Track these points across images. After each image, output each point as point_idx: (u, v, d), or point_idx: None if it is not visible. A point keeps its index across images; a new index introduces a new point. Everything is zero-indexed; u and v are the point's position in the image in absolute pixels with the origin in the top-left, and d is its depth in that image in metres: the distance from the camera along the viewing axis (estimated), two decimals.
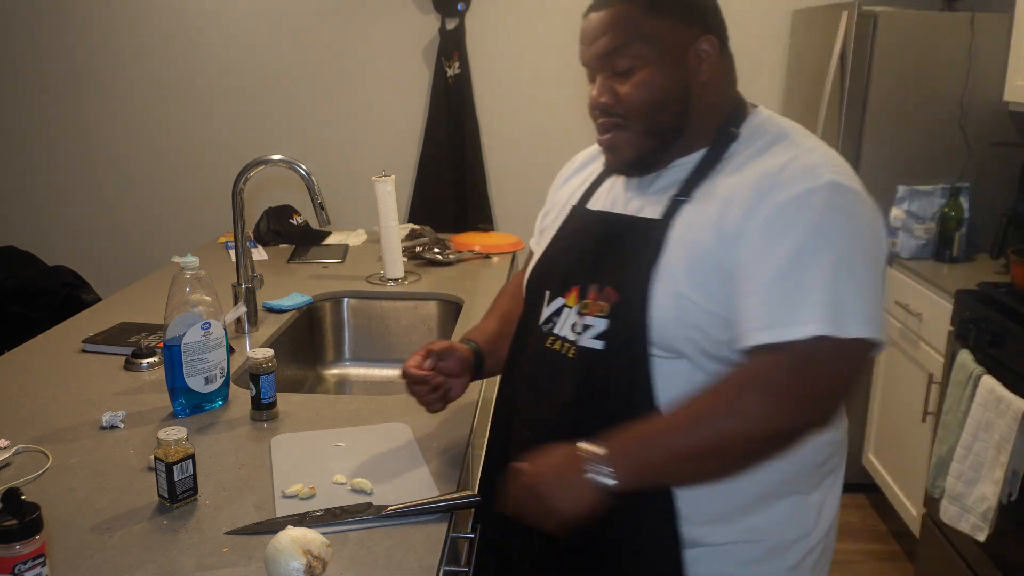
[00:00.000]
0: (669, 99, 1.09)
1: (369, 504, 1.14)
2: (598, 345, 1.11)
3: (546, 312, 1.20)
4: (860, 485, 3.17)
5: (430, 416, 1.42)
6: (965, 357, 2.27)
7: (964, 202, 2.79)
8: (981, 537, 2.11)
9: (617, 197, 1.19)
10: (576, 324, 1.14)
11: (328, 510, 1.13)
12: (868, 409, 3.09)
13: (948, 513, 2.22)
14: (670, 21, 1.07)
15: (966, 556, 2.31)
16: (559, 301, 1.17)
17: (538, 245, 1.32)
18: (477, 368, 1.34)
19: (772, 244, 1.00)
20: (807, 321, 0.96)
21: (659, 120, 1.10)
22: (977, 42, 2.79)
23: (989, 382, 2.13)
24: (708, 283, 1.03)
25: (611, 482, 1.00)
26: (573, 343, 1.14)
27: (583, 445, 1.03)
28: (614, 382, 1.10)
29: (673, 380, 1.07)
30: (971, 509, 2.14)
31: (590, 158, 1.32)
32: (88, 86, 3.72)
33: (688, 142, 1.12)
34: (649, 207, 1.13)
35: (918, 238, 2.83)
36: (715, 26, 1.11)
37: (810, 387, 0.98)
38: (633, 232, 1.12)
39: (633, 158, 1.13)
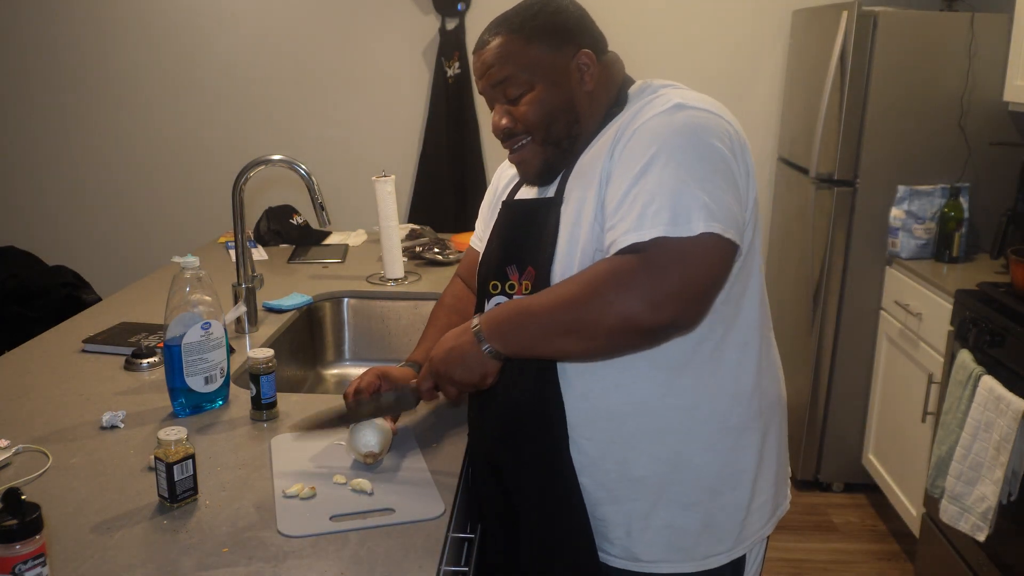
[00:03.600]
0: (559, 111, 1.22)
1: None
2: None
3: (490, 305, 1.28)
4: (860, 485, 3.17)
5: (430, 417, 1.43)
6: (965, 357, 2.27)
7: (964, 202, 2.79)
8: (981, 537, 2.11)
9: (531, 191, 1.33)
10: None
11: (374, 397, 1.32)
12: (868, 409, 3.09)
13: (948, 513, 2.22)
14: (545, 48, 1.21)
15: (966, 556, 2.31)
16: (499, 290, 1.28)
17: (482, 243, 1.43)
18: None
19: (625, 164, 1.12)
20: (652, 225, 1.05)
21: (554, 130, 1.22)
22: (977, 42, 2.79)
23: (989, 382, 2.13)
24: (598, 218, 1.15)
25: (493, 350, 1.14)
26: None
27: (471, 322, 1.17)
28: None
29: None
30: (971, 509, 2.14)
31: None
32: (88, 87, 3.72)
33: (587, 138, 1.24)
34: (551, 188, 1.27)
35: (918, 238, 2.83)
36: (587, 40, 1.23)
37: (661, 286, 1.04)
38: (539, 212, 1.25)
39: (542, 166, 1.25)
